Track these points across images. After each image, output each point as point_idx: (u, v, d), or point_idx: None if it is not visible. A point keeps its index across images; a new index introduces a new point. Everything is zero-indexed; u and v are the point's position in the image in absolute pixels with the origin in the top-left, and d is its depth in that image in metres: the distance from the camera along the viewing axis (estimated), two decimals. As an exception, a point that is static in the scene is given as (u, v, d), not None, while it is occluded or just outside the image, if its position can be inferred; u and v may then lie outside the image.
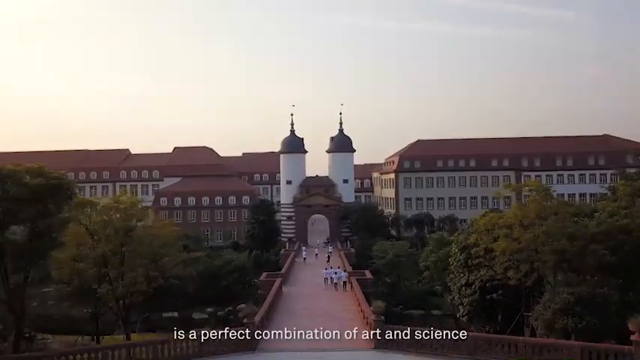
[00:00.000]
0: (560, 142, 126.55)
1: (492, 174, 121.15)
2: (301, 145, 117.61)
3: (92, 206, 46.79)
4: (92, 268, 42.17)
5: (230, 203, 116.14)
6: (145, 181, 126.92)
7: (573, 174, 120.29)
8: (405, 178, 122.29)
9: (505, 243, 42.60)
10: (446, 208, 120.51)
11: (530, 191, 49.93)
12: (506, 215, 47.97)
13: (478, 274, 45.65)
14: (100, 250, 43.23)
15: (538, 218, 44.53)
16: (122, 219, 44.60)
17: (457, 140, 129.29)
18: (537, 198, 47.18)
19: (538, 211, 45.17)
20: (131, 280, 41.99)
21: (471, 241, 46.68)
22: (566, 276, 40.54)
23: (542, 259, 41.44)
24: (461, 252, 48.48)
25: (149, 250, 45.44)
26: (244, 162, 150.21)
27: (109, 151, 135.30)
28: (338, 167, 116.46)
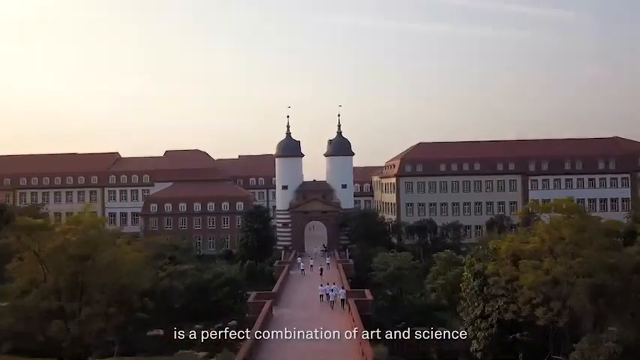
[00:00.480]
0: (568, 144, 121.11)
1: (498, 178, 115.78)
2: (298, 148, 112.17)
3: (43, 229, 39.70)
4: (41, 303, 36.12)
5: (223, 209, 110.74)
6: (134, 186, 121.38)
7: (582, 178, 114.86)
8: (406, 182, 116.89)
9: (533, 276, 36.16)
10: (449, 214, 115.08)
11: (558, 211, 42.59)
12: (532, 240, 41.02)
13: (496, 305, 39.38)
14: (51, 281, 37.23)
15: (572, 244, 38.26)
16: (78, 244, 38.34)
17: (460, 143, 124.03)
18: (571, 221, 40.38)
19: (572, 238, 38.72)
20: (88, 317, 36.17)
21: (490, 269, 40.56)
22: (606, 315, 34.45)
23: (576, 295, 35.11)
24: (474, 277, 42.30)
25: (112, 280, 39.20)
26: (240, 165, 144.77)
27: (98, 154, 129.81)
28: (336, 171, 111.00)
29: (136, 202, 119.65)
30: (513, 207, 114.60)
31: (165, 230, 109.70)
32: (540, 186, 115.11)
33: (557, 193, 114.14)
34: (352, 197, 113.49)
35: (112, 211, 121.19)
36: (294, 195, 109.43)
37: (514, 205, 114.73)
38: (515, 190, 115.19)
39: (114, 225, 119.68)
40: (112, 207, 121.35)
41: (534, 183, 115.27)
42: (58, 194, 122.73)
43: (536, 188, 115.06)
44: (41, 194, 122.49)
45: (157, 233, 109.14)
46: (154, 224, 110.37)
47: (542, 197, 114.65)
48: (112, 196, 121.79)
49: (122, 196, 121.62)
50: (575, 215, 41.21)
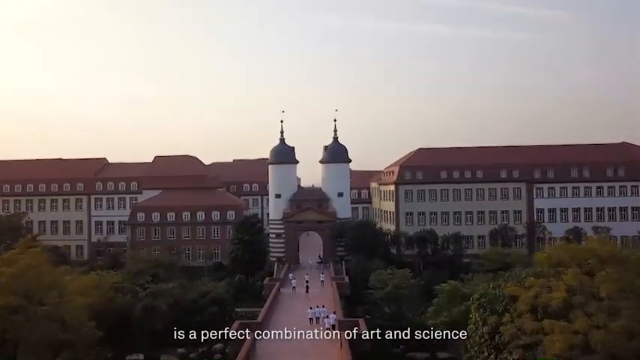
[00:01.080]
0: (574, 150, 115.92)
1: (501, 186, 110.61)
2: (292, 154, 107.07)
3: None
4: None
5: (213, 219, 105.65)
6: (122, 193, 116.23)
7: (590, 186, 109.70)
8: (406, 190, 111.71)
9: (562, 343, 28.60)
10: (450, 224, 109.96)
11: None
12: (557, 294, 32.48)
13: (510, 358, 33.48)
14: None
15: (612, 301, 31.12)
16: (7, 291, 32.45)
17: (462, 149, 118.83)
18: (610, 275, 32.02)
19: (613, 295, 31.29)
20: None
21: (506, 325, 34.04)
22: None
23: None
24: (484, 322, 36.51)
25: (50, 336, 32.84)
26: (233, 170, 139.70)
27: (85, 160, 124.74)
28: (332, 179, 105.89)
29: (123, 210, 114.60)
30: (517, 216, 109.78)
31: (153, 240, 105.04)
32: (546, 194, 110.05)
33: (563, 201, 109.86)
34: (349, 206, 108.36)
35: (98, 220, 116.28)
36: (287, 204, 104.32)
37: (518, 215, 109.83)
38: (520, 199, 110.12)
39: (100, 234, 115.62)
40: (98, 215, 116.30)
41: (539, 191, 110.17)
42: (43, 202, 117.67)
43: (542, 196, 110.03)
44: (25, 202, 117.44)
45: (144, 244, 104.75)
46: (141, 234, 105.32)
47: (547, 206, 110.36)
48: (98, 204, 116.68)
49: (109, 203, 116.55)
50: (614, 267, 32.72)
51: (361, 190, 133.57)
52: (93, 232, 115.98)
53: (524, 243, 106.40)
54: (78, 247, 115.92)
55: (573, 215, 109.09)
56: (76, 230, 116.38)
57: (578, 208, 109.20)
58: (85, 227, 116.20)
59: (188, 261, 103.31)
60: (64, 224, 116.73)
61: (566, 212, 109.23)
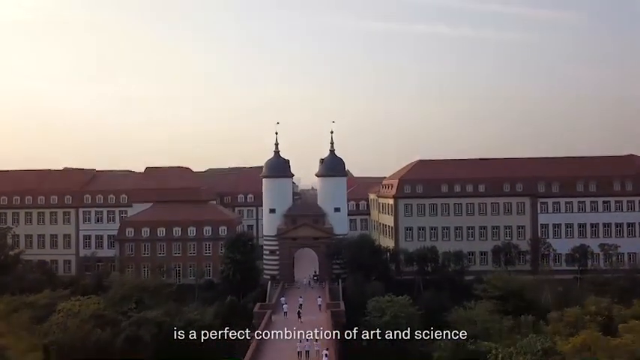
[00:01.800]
0: (580, 163, 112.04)
1: (504, 200, 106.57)
2: (286, 167, 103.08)
3: None
4: None
5: (205, 234, 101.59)
6: (111, 206, 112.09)
7: (596, 201, 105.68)
8: (405, 204, 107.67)
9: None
10: (452, 239, 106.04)
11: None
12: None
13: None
14: None
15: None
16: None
17: (464, 161, 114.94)
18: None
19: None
20: None
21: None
22: None
23: None
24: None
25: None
26: (228, 180, 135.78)
27: (73, 170, 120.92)
28: (329, 193, 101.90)
29: (112, 224, 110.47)
30: (521, 231, 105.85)
31: (143, 257, 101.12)
32: (550, 209, 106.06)
33: (568, 217, 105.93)
34: (346, 221, 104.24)
35: (86, 234, 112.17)
36: (282, 219, 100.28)
37: (522, 230, 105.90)
38: (524, 214, 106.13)
39: (89, 248, 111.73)
40: (86, 229, 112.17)
41: (544, 206, 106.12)
42: (29, 215, 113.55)
43: (546, 211, 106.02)
44: (11, 215, 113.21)
45: (133, 260, 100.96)
46: (130, 250, 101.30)
47: (552, 221, 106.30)
48: (87, 218, 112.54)
49: (98, 217, 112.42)
50: None
51: (359, 201, 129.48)
52: (81, 247, 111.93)
53: (527, 260, 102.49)
54: (65, 261, 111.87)
55: (579, 231, 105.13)
56: (64, 245, 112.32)
57: (584, 223, 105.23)
58: (73, 241, 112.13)
59: (179, 278, 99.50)
60: (52, 238, 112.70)
61: (572, 228, 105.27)
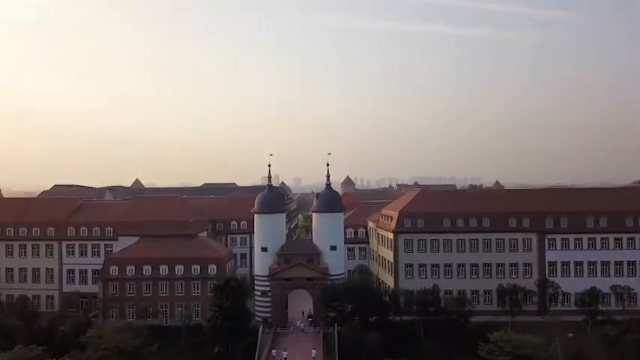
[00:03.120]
0: (590, 196, 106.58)
1: (510, 236, 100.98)
2: (280, 202, 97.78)
3: None
4: None
5: (193, 273, 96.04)
6: (96, 239, 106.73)
7: (607, 237, 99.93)
8: (405, 240, 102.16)
9: None
10: (454, 277, 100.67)
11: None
12: None
13: None
14: None
15: None
16: None
17: (467, 193, 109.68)
18: None
19: None
20: None
21: None
22: None
23: None
24: None
25: None
26: (222, 205, 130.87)
27: (57, 200, 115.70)
28: (324, 231, 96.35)
29: (97, 257, 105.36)
30: (528, 269, 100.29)
31: (127, 297, 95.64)
32: (559, 245, 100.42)
33: (578, 254, 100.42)
34: (343, 261, 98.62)
35: (70, 268, 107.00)
36: (274, 258, 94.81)
37: (528, 268, 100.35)
38: (530, 251, 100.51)
39: (73, 283, 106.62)
40: (70, 263, 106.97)
41: (552, 242, 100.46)
42: (10, 247, 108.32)
43: (554, 248, 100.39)
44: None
45: (117, 300, 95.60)
46: (114, 290, 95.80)
47: (560, 259, 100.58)
48: (70, 251, 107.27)
49: (82, 250, 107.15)
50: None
51: (357, 229, 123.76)
52: (64, 282, 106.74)
53: (534, 302, 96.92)
54: (48, 297, 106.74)
55: (589, 269, 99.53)
56: (47, 279, 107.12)
57: (595, 261, 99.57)
58: (56, 276, 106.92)
59: (165, 320, 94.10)
60: (34, 272, 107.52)
61: (581, 266, 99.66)
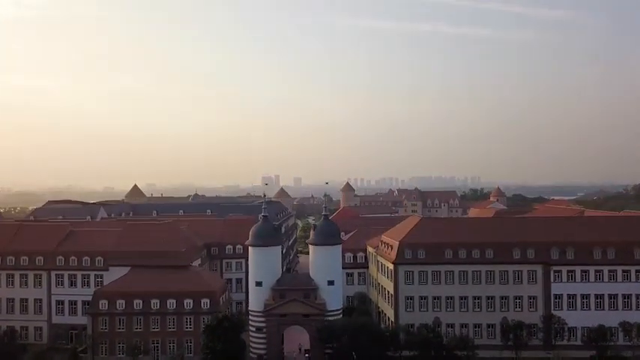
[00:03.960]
0: (597, 225, 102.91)
1: (514, 268, 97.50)
2: (276, 234, 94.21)
3: None
4: None
5: (186, 307, 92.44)
6: (86, 269, 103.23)
7: (615, 270, 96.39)
8: (406, 271, 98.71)
9: None
10: (456, 310, 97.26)
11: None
12: None
13: None
14: None
15: None
16: None
17: (469, 220, 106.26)
18: None
19: None
20: None
21: None
22: None
23: None
24: None
25: None
26: (217, 228, 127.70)
27: (47, 226, 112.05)
28: (322, 265, 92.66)
29: (87, 288, 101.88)
30: (532, 302, 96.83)
31: (117, 332, 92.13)
32: (565, 278, 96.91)
33: (585, 287, 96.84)
34: (340, 296, 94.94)
35: (59, 299, 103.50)
36: (270, 293, 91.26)
37: (533, 301, 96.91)
38: (535, 283, 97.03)
39: (62, 314, 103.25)
40: (59, 294, 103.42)
41: (558, 274, 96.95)
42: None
43: (560, 280, 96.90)
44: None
45: (107, 336, 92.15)
46: (104, 325, 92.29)
47: (566, 292, 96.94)
48: (59, 281, 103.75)
49: (72, 280, 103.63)
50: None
51: (357, 253, 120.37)
52: (53, 313, 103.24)
53: (540, 338, 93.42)
54: (36, 328, 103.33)
55: (596, 302, 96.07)
56: (35, 310, 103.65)
57: (602, 294, 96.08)
58: (45, 306, 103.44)
59: (157, 356, 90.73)
60: (22, 302, 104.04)
61: (588, 299, 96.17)
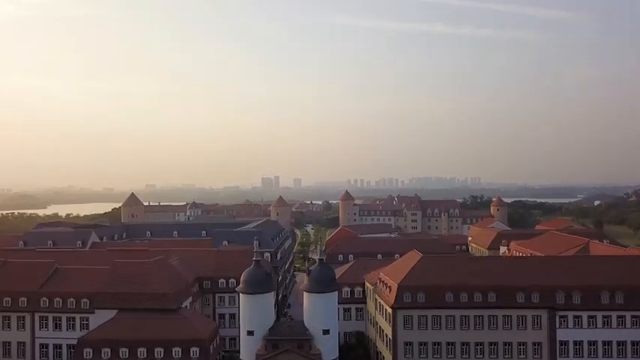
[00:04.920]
0: (605, 265, 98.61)
1: (518, 313, 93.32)
2: (268, 281, 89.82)
3: None
4: None
5: (174, 356, 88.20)
6: (71, 312, 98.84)
7: (624, 315, 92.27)
8: (405, 316, 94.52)
9: None
10: (457, 356, 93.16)
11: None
12: None
13: None
14: None
15: None
16: None
17: (470, 260, 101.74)
18: None
19: None
20: None
21: None
22: None
23: None
24: None
25: None
26: (209, 260, 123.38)
27: (32, 263, 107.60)
28: (317, 313, 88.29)
29: (72, 331, 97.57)
30: (537, 349, 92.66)
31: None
32: (571, 323, 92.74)
33: (591, 333, 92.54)
34: (337, 346, 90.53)
35: (43, 342, 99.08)
36: (262, 342, 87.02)
37: (538, 347, 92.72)
38: (540, 329, 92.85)
39: (46, 359, 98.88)
40: (43, 337, 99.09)
41: (563, 320, 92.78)
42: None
43: (566, 326, 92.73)
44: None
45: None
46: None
47: (573, 338, 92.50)
48: (43, 324, 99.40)
49: (56, 323, 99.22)
50: None
51: (354, 287, 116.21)
52: (37, 357, 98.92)
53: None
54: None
55: (604, 350, 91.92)
56: (18, 354, 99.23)
57: (610, 341, 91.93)
58: (28, 351, 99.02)
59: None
60: (4, 346, 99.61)
61: (595, 346, 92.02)
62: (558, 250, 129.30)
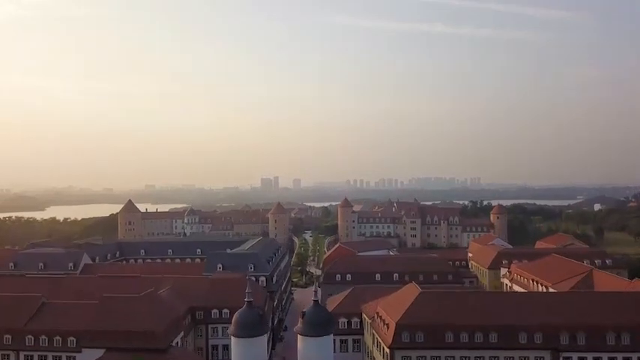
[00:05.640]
0: (610, 303, 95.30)
1: (520, 354, 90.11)
2: (260, 323, 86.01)
3: None
4: None
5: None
6: (57, 350, 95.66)
7: (630, 357, 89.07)
8: (403, 356, 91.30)
9: None
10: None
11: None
12: None
13: None
14: None
15: None
16: None
17: (471, 296, 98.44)
18: None
19: None
20: None
21: None
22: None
23: None
24: None
25: None
26: (202, 289, 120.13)
27: (17, 298, 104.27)
28: (311, 358, 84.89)
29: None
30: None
31: None
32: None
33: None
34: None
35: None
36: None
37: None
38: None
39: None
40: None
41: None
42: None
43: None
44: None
45: None
46: None
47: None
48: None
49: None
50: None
51: (351, 318, 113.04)
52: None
53: None
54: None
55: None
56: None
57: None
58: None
59: None
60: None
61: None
62: (560, 276, 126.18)
